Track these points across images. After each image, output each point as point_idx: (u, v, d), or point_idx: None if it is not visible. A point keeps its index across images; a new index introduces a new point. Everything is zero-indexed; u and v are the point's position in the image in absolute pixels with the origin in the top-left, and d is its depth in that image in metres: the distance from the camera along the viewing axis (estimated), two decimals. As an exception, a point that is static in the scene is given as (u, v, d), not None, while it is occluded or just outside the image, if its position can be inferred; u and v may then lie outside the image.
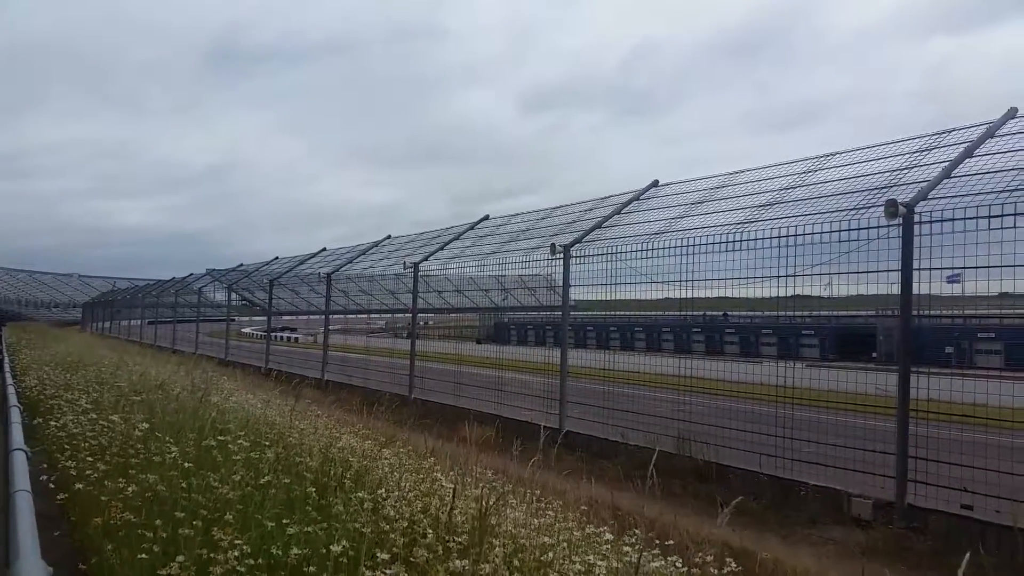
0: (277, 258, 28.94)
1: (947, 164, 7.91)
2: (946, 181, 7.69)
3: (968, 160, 7.88)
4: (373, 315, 30.11)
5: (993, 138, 8.04)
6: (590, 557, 3.54)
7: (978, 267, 7.04)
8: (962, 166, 7.84)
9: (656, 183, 12.48)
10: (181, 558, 3.41)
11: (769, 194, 9.69)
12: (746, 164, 11.43)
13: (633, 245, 10.61)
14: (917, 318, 7.65)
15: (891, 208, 7.32)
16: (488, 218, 16.85)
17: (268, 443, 5.69)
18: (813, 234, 8.28)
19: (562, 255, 11.75)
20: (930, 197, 7.49)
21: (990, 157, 7.77)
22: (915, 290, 7.37)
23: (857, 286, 8.18)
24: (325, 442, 6.09)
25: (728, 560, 3.83)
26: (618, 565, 3.48)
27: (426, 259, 16.41)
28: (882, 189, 8.19)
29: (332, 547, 3.40)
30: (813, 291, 9.06)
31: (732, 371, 9.84)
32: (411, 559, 3.43)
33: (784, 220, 8.72)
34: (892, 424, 7.46)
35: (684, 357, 10.63)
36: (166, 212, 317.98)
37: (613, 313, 14.37)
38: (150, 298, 45.05)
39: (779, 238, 8.58)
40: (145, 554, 3.67)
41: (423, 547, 3.50)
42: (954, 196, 7.36)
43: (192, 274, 38.66)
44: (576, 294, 11.94)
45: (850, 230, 8.01)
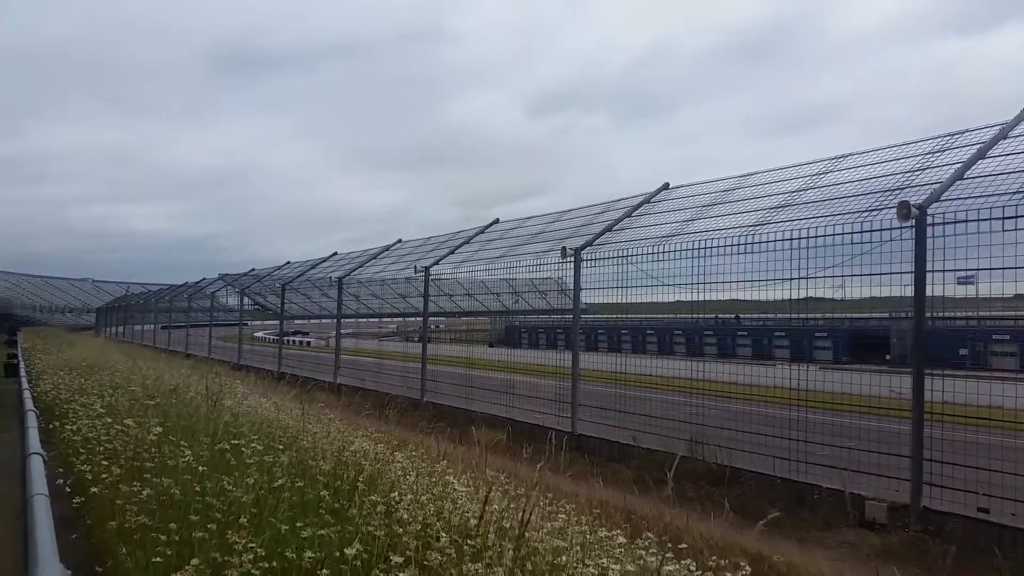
0: (289, 262, 29.06)
1: (959, 165, 7.87)
2: (959, 183, 7.64)
3: (981, 161, 7.83)
4: (384, 319, 30.20)
5: (1006, 139, 7.98)
6: (603, 560, 3.54)
7: (992, 268, 7.01)
8: (975, 167, 7.79)
9: (667, 186, 12.46)
10: (196, 561, 3.43)
11: (781, 196, 9.66)
12: (755, 166, 11.46)
13: (644, 248, 10.59)
14: (931, 320, 7.60)
15: (903, 210, 7.28)
16: (498, 222, 16.85)
17: (281, 447, 5.72)
18: (825, 236, 8.25)
19: (573, 258, 11.75)
20: (943, 199, 7.45)
21: (1004, 158, 7.72)
22: (928, 292, 7.33)
23: (870, 288, 8.14)
24: (338, 446, 6.10)
25: (742, 564, 3.82)
26: (632, 568, 3.47)
27: (437, 263, 16.42)
28: (894, 191, 8.15)
29: (346, 550, 3.41)
30: (826, 293, 9.03)
31: (744, 374, 9.81)
32: (425, 562, 3.44)
33: (796, 222, 8.69)
34: (906, 427, 7.41)
35: (696, 360, 10.61)
36: (178, 217, 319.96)
37: (624, 316, 14.32)
38: (163, 303, 45.33)
39: (791, 240, 8.55)
40: (160, 557, 3.69)
41: (436, 550, 3.50)
42: (967, 197, 7.32)
43: (205, 279, 38.91)
44: (587, 297, 11.94)
45: (862, 232, 7.98)
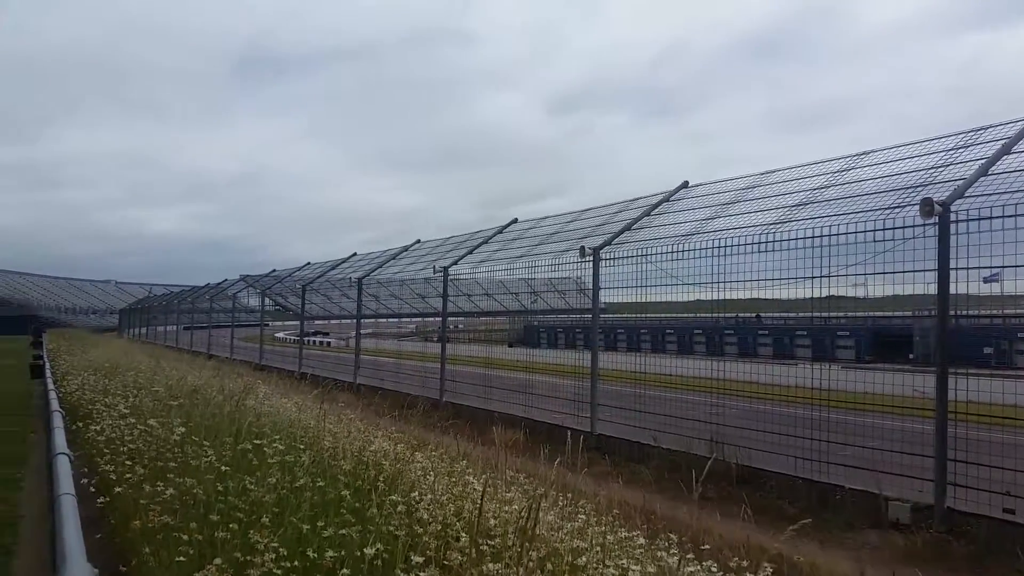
0: (309, 263, 29.24)
1: (983, 161, 7.77)
2: (983, 179, 7.55)
3: (1006, 157, 7.73)
4: (404, 319, 30.31)
5: (1032, 134, 7.87)
6: (624, 561, 3.53)
7: (1017, 266, 6.91)
8: (999, 163, 7.69)
9: (686, 184, 12.41)
10: (218, 560, 3.46)
11: (802, 194, 9.58)
12: (775, 164, 11.35)
13: (664, 247, 10.55)
14: (955, 318, 7.52)
15: (927, 207, 7.20)
16: (517, 221, 16.86)
17: (303, 446, 5.75)
18: (847, 234, 8.18)
19: (592, 257, 11.73)
20: (967, 195, 7.36)
21: (1029, 154, 7.62)
22: (952, 290, 7.24)
23: (893, 286, 8.06)
24: (359, 446, 6.13)
25: (764, 565, 3.79)
26: (653, 570, 3.46)
27: (455, 263, 16.45)
28: (917, 188, 8.06)
29: (367, 550, 3.43)
30: (848, 292, 8.95)
31: (766, 373, 9.74)
32: (445, 562, 3.45)
33: (818, 220, 8.62)
34: (930, 426, 7.33)
35: (717, 359, 10.55)
36: (200, 219, 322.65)
37: (644, 315, 14.27)
38: (185, 304, 45.77)
39: (813, 238, 8.48)
40: (183, 557, 3.73)
41: (456, 550, 3.51)
42: (991, 194, 7.23)
43: (226, 280, 39.24)
44: (606, 296, 11.90)
45: (885, 229, 7.90)
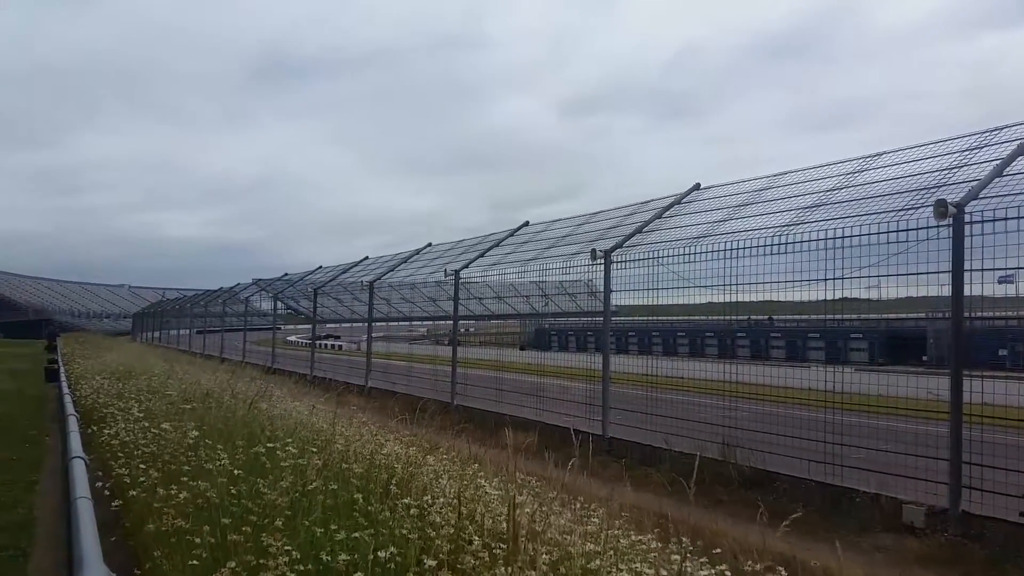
0: (321, 267, 29.36)
1: (998, 162, 7.72)
2: (997, 180, 7.50)
3: (1021, 158, 7.68)
4: (415, 322, 30.33)
5: (1047, 135, 7.82)
6: (637, 565, 3.52)
7: (1033, 267, 6.86)
8: (1014, 164, 7.64)
9: (698, 186, 12.39)
10: (232, 564, 3.47)
11: (814, 196, 9.54)
12: (789, 166, 11.32)
13: (675, 249, 10.53)
14: (969, 320, 7.47)
15: (941, 208, 7.16)
16: (528, 224, 16.87)
17: (315, 449, 5.77)
18: (861, 236, 8.14)
19: (603, 260, 11.72)
20: (981, 196, 7.32)
21: (1044, 155, 7.57)
22: (967, 291, 7.21)
23: (907, 288, 8.02)
24: (371, 449, 6.14)
25: (777, 569, 3.78)
26: (666, 573, 3.45)
27: (467, 266, 16.48)
28: (931, 189, 8.02)
29: (379, 553, 3.43)
30: (861, 294, 8.90)
31: (778, 376, 9.71)
32: (458, 565, 3.45)
33: (830, 222, 8.58)
34: (944, 429, 7.28)
35: (729, 362, 10.51)
36: (213, 223, 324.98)
37: (655, 318, 14.25)
38: (198, 308, 46.00)
39: (826, 240, 8.45)
40: (196, 560, 3.74)
41: (469, 554, 3.51)
42: (1006, 195, 7.19)
43: (239, 284, 39.43)
44: (617, 299, 11.90)
45: (899, 231, 7.86)
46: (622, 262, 11.62)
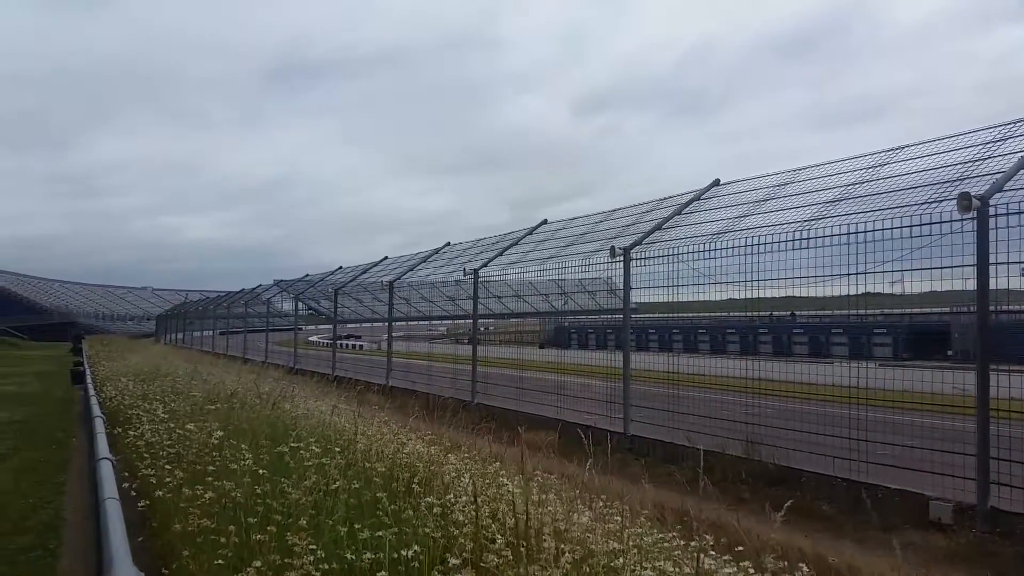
0: (341, 267, 29.49)
1: (1023, 154, 7.61)
2: (1022, 172, 7.40)
3: (1046, 149, 7.57)
4: (434, 321, 30.42)
5: (1073, 125, 7.70)
6: (660, 563, 3.51)
7: (1060, 259, 6.76)
8: (1040, 155, 7.53)
9: (717, 182, 12.32)
10: (258, 563, 3.50)
11: (836, 190, 9.46)
12: (808, 161, 11.20)
13: (695, 246, 10.48)
14: (995, 314, 7.37)
15: (964, 201, 7.07)
16: (546, 222, 16.85)
17: (338, 449, 5.80)
18: (883, 230, 8.07)
19: (622, 257, 11.69)
20: (1005, 189, 7.22)
21: (1070, 145, 7.46)
22: (992, 285, 7.12)
23: (931, 282, 7.93)
24: (393, 448, 6.17)
25: (800, 565, 3.75)
26: (690, 572, 3.44)
27: (486, 265, 16.49)
28: (954, 182, 7.93)
29: (403, 552, 3.45)
30: (884, 289, 8.82)
31: (801, 372, 9.63)
32: (481, 564, 3.46)
33: (852, 216, 8.50)
34: (971, 424, 7.20)
35: (751, 359, 10.45)
36: (234, 225, 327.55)
37: (675, 315, 14.18)
38: (220, 309, 46.37)
39: (848, 235, 8.37)
40: (222, 559, 3.78)
41: (492, 552, 3.51)
42: (1032, 187, 7.08)
43: (260, 285, 39.72)
44: (637, 296, 11.85)
45: (921, 225, 7.78)
46: (641, 259, 11.57)
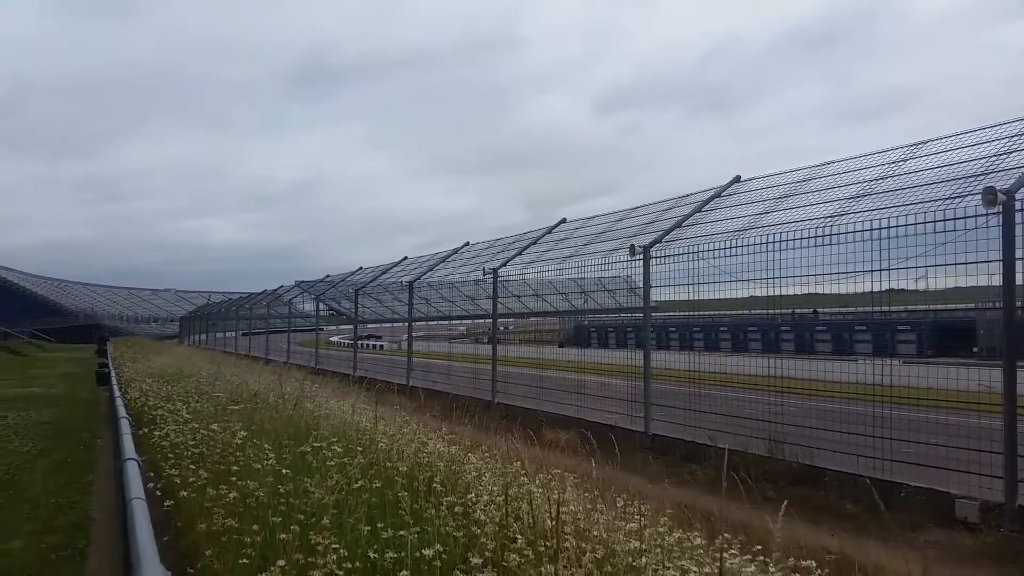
0: (361, 268, 29.63)
1: (1051, 147, 7.51)
2: (1050, 165, 7.29)
3: (1074, 142, 7.45)
4: (454, 321, 30.48)
5: (1101, 117, 7.58)
6: (683, 563, 3.50)
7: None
8: (1067, 148, 7.42)
9: (738, 178, 12.24)
10: (281, 562, 3.53)
11: (858, 186, 9.37)
12: (830, 156, 11.13)
13: (716, 243, 10.42)
14: (1021, 310, 7.28)
15: (989, 195, 6.98)
16: (565, 221, 16.83)
17: (360, 448, 5.83)
18: (907, 226, 7.99)
19: (642, 256, 11.65)
20: (1032, 182, 7.11)
21: (1098, 138, 7.34)
22: (1019, 280, 7.03)
23: (955, 278, 7.84)
24: (415, 447, 6.19)
25: (827, 565, 3.72)
26: (714, 571, 3.42)
27: (505, 264, 16.50)
28: (978, 176, 7.82)
29: (425, 551, 3.46)
30: (908, 285, 8.72)
31: (824, 370, 9.55)
32: (503, 563, 3.46)
33: (875, 212, 8.42)
34: (997, 422, 7.10)
35: (773, 357, 10.37)
36: (256, 227, 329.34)
37: (696, 313, 14.11)
38: (243, 311, 46.78)
39: (871, 231, 8.30)
40: (246, 559, 3.81)
41: (514, 551, 3.52)
42: (1059, 180, 6.98)
43: (282, 286, 40.00)
44: (657, 295, 11.80)
45: (945, 220, 7.69)
46: (661, 257, 11.53)
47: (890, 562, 5.70)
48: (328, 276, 32.73)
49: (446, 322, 29.90)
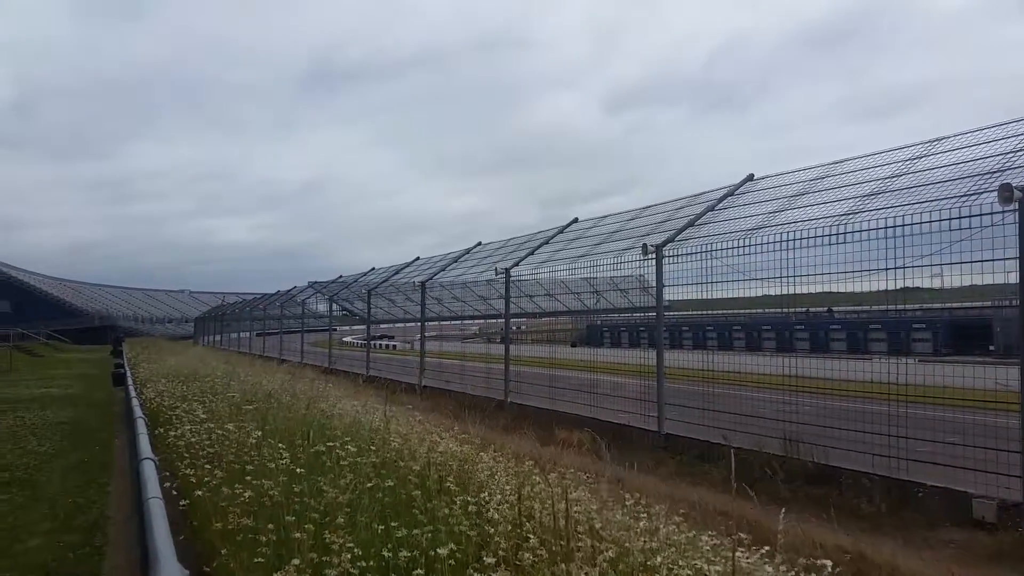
0: (374, 268, 29.72)
1: (1067, 143, 7.44)
2: (1066, 162, 7.22)
3: (1091, 138, 7.38)
4: (466, 321, 30.50)
5: (1119, 113, 7.49)
6: (697, 562, 3.49)
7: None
8: (1084, 144, 7.34)
9: (751, 177, 12.19)
10: (296, 561, 3.54)
11: (873, 183, 9.31)
12: (845, 154, 11.05)
13: (729, 242, 10.37)
14: (1039, 308, 7.20)
15: (1006, 193, 6.93)
16: (577, 221, 16.81)
17: (373, 448, 5.85)
18: (922, 223, 7.93)
19: (655, 255, 11.61)
20: (1049, 179, 7.05)
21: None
22: (1036, 278, 6.95)
23: (971, 276, 7.78)
24: (427, 447, 6.20)
25: (844, 565, 3.70)
26: (728, 570, 3.41)
27: (517, 264, 16.50)
28: (994, 173, 7.76)
29: (439, 550, 3.47)
30: (923, 283, 8.67)
31: (839, 369, 9.49)
32: (517, 562, 3.46)
33: (890, 210, 8.36)
34: (1014, 420, 7.04)
35: (787, 356, 10.32)
36: (268, 228, 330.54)
37: (709, 312, 14.08)
38: (257, 311, 46.99)
39: (886, 228, 8.24)
40: (261, 557, 3.83)
41: (528, 550, 3.52)
42: (1076, 177, 6.91)
43: (296, 287, 40.18)
44: (670, 294, 11.77)
45: (961, 218, 7.63)
46: (674, 256, 11.49)
47: (906, 561, 5.68)
48: (341, 277, 32.84)
49: (458, 322, 29.92)
